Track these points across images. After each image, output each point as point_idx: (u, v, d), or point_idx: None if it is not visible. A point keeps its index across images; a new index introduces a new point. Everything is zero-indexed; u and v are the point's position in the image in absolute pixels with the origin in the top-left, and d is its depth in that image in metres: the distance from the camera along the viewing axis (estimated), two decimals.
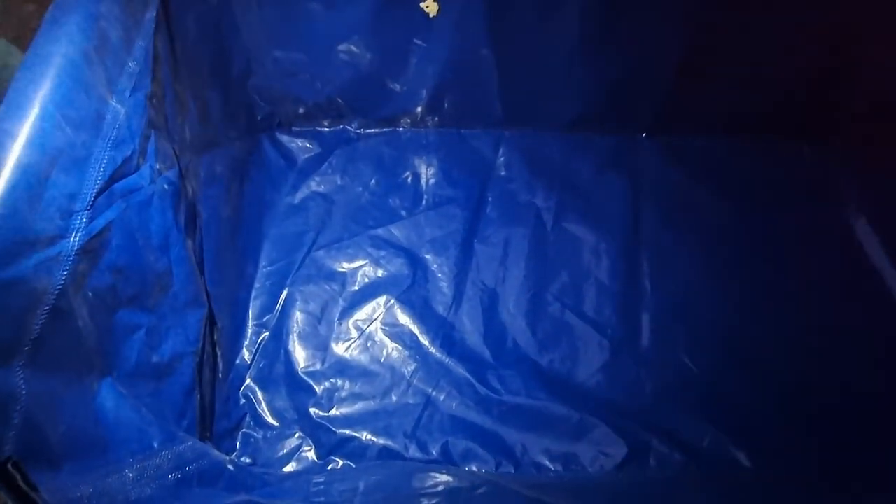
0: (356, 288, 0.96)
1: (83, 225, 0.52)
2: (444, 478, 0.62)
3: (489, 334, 0.94)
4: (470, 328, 0.94)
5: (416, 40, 0.92)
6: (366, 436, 0.85)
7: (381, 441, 0.84)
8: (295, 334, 0.92)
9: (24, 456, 0.43)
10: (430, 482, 0.62)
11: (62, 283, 0.49)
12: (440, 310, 0.95)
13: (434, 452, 0.84)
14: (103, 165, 0.55)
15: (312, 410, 0.87)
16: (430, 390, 0.89)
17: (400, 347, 0.92)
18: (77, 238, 0.51)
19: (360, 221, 1.02)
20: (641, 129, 1.09)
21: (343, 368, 0.90)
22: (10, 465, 0.38)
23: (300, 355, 0.91)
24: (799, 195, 1.05)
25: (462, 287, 0.97)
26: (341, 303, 0.95)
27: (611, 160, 1.08)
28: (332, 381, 0.89)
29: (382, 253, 0.99)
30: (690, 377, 0.91)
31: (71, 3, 0.53)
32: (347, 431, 0.85)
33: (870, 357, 0.91)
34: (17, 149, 0.45)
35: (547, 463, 0.83)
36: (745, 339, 0.94)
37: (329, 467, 0.82)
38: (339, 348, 0.92)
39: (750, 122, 1.06)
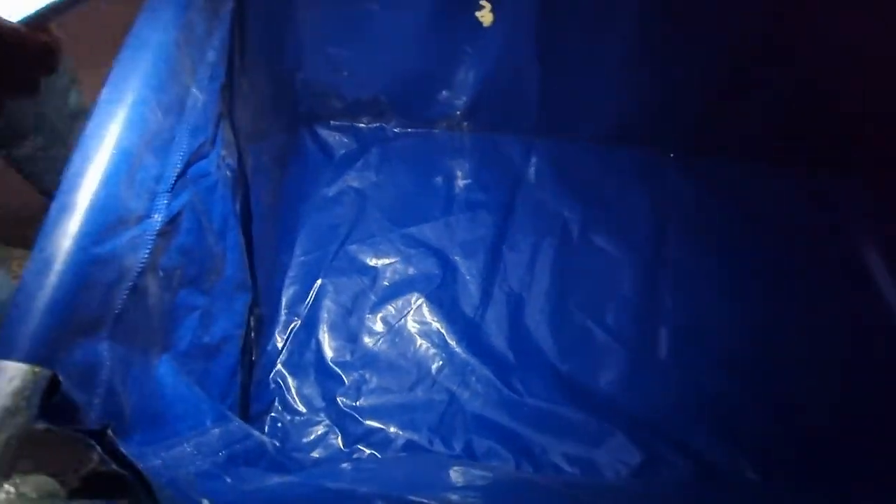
0: (387, 283, 0.99)
1: (164, 206, 0.54)
2: (482, 472, 0.64)
3: (513, 338, 0.96)
4: (495, 330, 0.97)
5: (465, 47, 0.95)
6: (392, 428, 0.87)
7: (407, 434, 0.87)
8: (326, 324, 0.94)
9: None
10: (468, 476, 0.64)
11: (144, 260, 0.51)
12: (467, 310, 0.98)
13: (457, 448, 0.86)
14: (182, 150, 0.57)
15: (340, 399, 0.89)
16: (454, 388, 0.91)
17: (427, 344, 0.94)
18: (159, 218, 0.53)
19: (392, 219, 1.04)
20: (670, 149, 1.12)
21: (371, 361, 0.92)
22: (109, 431, 0.40)
23: (330, 345, 0.93)
24: (819, 224, 1.08)
25: (489, 290, 1.00)
26: (372, 297, 0.97)
27: (638, 176, 1.11)
28: (361, 372, 0.91)
29: (413, 251, 1.02)
30: (704, 392, 0.95)
31: None
32: (374, 422, 0.87)
33: (883, 380, 0.95)
34: (118, 131, 0.47)
35: (565, 466, 0.86)
36: (758, 359, 0.97)
37: (354, 456, 0.85)
38: (368, 341, 0.94)
39: (777, 150, 1.10)
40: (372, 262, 1.00)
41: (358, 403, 0.89)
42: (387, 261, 1.00)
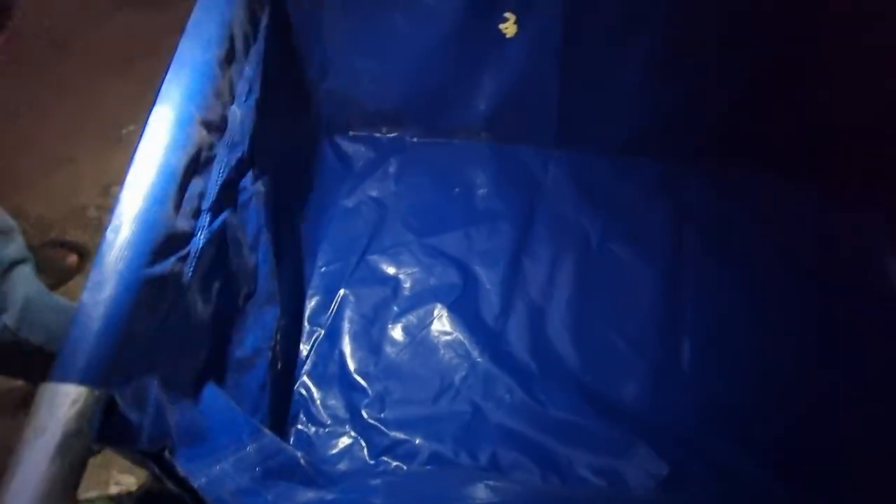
0: (408, 293, 0.99)
1: (206, 224, 0.54)
2: (512, 486, 0.64)
3: (536, 348, 0.96)
4: (517, 341, 0.97)
5: (487, 58, 0.95)
6: (417, 440, 0.87)
7: (432, 446, 0.86)
8: (348, 335, 0.94)
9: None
10: (499, 491, 0.64)
11: (189, 278, 0.51)
12: (489, 321, 0.98)
13: (483, 460, 0.86)
14: (222, 167, 0.57)
15: (364, 411, 0.89)
16: (478, 399, 0.91)
17: (450, 355, 0.94)
18: (202, 236, 0.53)
19: (412, 229, 1.04)
20: (687, 159, 1.12)
21: (395, 372, 0.92)
22: (167, 452, 0.40)
23: (353, 356, 0.93)
24: (837, 235, 1.08)
25: (510, 300, 1.00)
26: (394, 307, 0.97)
27: (656, 187, 1.11)
28: (384, 383, 0.91)
29: (434, 261, 1.02)
30: (726, 402, 0.94)
31: (209, 7, 0.55)
32: (399, 434, 0.87)
33: None
34: (167, 151, 0.48)
35: (592, 478, 0.86)
36: (780, 369, 0.97)
37: (380, 469, 0.85)
38: (391, 351, 0.94)
39: (795, 162, 1.10)
40: (393, 272, 1.00)
41: (382, 415, 0.89)
42: (408, 271, 1.01)
